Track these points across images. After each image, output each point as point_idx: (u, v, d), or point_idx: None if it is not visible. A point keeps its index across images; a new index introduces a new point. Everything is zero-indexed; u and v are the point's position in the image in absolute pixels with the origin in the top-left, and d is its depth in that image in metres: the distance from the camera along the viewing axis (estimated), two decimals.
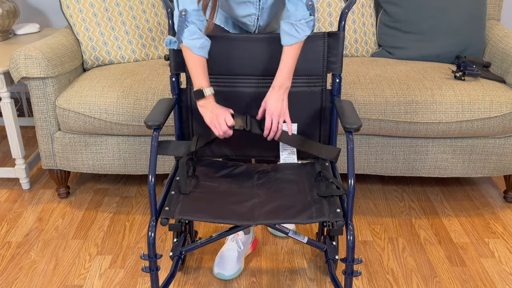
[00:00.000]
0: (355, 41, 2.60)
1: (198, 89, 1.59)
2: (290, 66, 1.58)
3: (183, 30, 1.54)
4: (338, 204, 1.50)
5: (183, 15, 1.52)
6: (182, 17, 1.53)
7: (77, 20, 2.42)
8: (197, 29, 1.55)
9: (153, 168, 1.44)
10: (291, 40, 1.55)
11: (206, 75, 1.60)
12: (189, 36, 1.55)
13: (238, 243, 1.94)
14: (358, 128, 1.45)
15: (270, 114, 1.61)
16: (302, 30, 1.54)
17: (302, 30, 1.54)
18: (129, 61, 2.51)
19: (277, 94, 1.60)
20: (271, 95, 1.60)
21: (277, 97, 1.60)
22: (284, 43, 1.57)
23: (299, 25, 1.54)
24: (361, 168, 2.29)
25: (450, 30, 2.48)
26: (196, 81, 1.60)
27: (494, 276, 1.91)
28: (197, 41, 1.55)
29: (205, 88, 1.59)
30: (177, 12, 1.54)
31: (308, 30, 1.56)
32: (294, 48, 1.57)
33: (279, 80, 1.59)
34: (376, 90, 2.17)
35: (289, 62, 1.58)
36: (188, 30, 1.54)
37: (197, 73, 1.59)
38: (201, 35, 1.56)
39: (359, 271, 1.46)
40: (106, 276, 1.91)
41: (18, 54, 2.12)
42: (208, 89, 1.60)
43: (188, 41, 1.55)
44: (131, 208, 2.35)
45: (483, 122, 2.14)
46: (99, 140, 2.25)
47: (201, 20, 1.55)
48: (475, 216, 2.28)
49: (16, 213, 2.31)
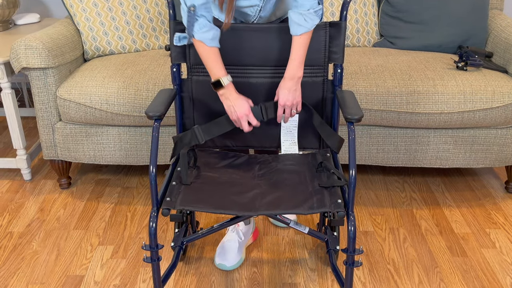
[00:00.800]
0: (356, 31, 2.59)
1: (216, 79, 1.59)
2: (300, 56, 1.58)
3: (193, 25, 1.54)
4: (339, 194, 1.50)
5: (192, 10, 1.52)
6: (191, 12, 1.52)
7: (78, 10, 2.41)
8: (207, 21, 1.54)
9: (154, 158, 1.44)
10: (300, 30, 1.55)
11: (222, 64, 1.60)
12: (200, 30, 1.54)
13: (239, 234, 1.95)
14: (360, 119, 1.45)
15: (282, 104, 1.63)
16: (311, 19, 1.54)
17: (311, 19, 1.54)
18: (129, 51, 2.50)
19: (288, 85, 1.60)
20: (283, 85, 1.61)
21: (288, 87, 1.61)
22: (294, 32, 1.57)
23: (308, 14, 1.53)
24: (362, 159, 2.29)
25: (452, 20, 2.47)
26: (213, 71, 1.59)
27: (495, 266, 1.91)
28: (208, 33, 1.55)
29: (222, 77, 1.58)
30: (185, 8, 1.53)
31: (317, 19, 1.56)
32: (303, 37, 1.57)
33: (290, 70, 1.59)
34: (378, 81, 2.16)
35: (299, 52, 1.58)
36: (198, 24, 1.54)
37: (213, 64, 1.58)
38: (211, 26, 1.55)
39: (360, 262, 1.46)
40: (107, 266, 1.92)
41: (18, 44, 2.12)
42: (225, 78, 1.59)
43: (200, 35, 1.55)
44: (132, 198, 2.35)
45: (485, 113, 2.13)
46: (100, 130, 2.25)
47: (209, 12, 1.55)
48: (477, 207, 2.28)
49: (18, 203, 2.32)
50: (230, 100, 1.61)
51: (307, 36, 1.57)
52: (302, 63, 1.60)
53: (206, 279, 1.85)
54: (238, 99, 1.61)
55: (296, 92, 1.62)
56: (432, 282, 1.83)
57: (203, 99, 1.73)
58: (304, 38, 1.57)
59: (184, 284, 1.83)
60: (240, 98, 1.61)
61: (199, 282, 1.84)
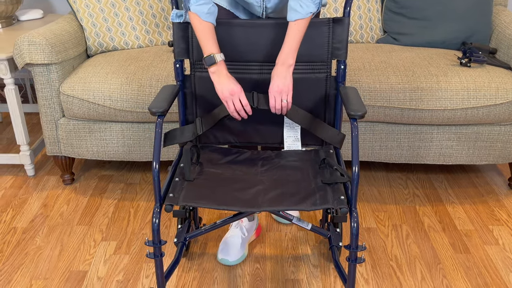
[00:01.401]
0: (360, 27, 2.58)
1: (208, 55, 1.57)
2: (293, 43, 1.56)
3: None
4: (342, 191, 1.49)
5: None
6: None
7: (81, 6, 2.41)
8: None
9: (157, 154, 1.44)
10: (295, 16, 1.54)
11: (216, 41, 1.58)
12: (196, 2, 1.53)
13: (242, 230, 1.95)
14: (363, 115, 1.45)
15: (273, 92, 1.59)
16: (307, 6, 1.53)
17: (307, 6, 1.53)
18: (132, 47, 2.50)
19: (278, 71, 1.58)
20: (273, 73, 1.59)
21: (278, 73, 1.58)
22: (289, 18, 1.56)
23: (304, 1, 1.52)
24: (365, 155, 2.29)
25: (456, 16, 2.46)
26: (206, 47, 1.57)
27: (498, 263, 1.91)
28: (204, 6, 1.54)
29: (215, 54, 1.57)
30: None
31: (313, 7, 1.54)
32: (298, 24, 1.55)
33: (281, 56, 1.57)
34: (381, 77, 2.15)
35: (292, 39, 1.56)
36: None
37: (207, 39, 1.57)
38: (208, 0, 1.55)
39: (362, 258, 1.46)
40: (111, 262, 1.93)
41: (21, 40, 2.12)
42: (218, 55, 1.57)
43: (195, 7, 1.54)
44: (135, 194, 2.35)
45: (489, 109, 2.13)
46: (103, 126, 2.25)
47: None
48: (480, 204, 2.27)
49: (21, 199, 2.32)
50: (220, 78, 1.58)
51: (302, 23, 1.55)
52: (295, 51, 1.57)
53: (209, 275, 1.86)
54: (229, 78, 1.59)
55: (286, 79, 1.58)
56: (434, 279, 1.83)
57: (206, 95, 1.73)
58: (299, 25, 1.55)
59: (187, 280, 1.84)
60: (231, 78, 1.59)
61: (202, 278, 1.85)
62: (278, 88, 1.58)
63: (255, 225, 2.01)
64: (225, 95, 1.59)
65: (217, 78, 1.59)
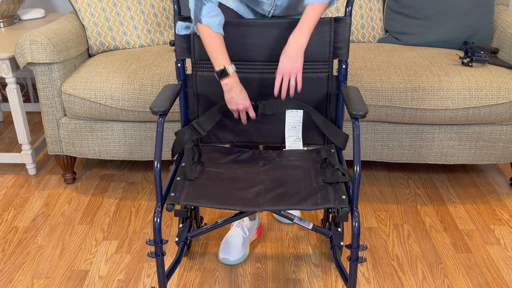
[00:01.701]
0: (361, 27, 2.58)
1: (221, 68, 1.57)
2: (308, 25, 1.54)
3: (201, 9, 1.52)
4: (343, 190, 1.49)
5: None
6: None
7: (82, 5, 2.41)
8: (215, 6, 1.54)
9: (158, 154, 1.44)
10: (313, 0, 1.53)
11: (226, 52, 1.58)
12: (208, 14, 1.53)
13: (244, 229, 1.95)
14: (365, 115, 1.44)
15: (281, 71, 1.57)
16: None
17: None
18: (134, 46, 2.50)
19: (289, 51, 1.56)
20: (283, 52, 1.57)
21: (289, 54, 1.56)
22: (306, 2, 1.55)
23: None
24: (367, 155, 2.28)
25: (458, 16, 2.46)
26: (218, 59, 1.57)
27: (499, 263, 1.91)
28: (216, 18, 1.54)
29: (227, 66, 1.57)
30: None
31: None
32: (314, 8, 1.53)
33: (294, 37, 1.55)
34: (383, 76, 2.15)
35: (308, 21, 1.54)
36: (206, 8, 1.52)
37: (218, 51, 1.56)
38: (218, 11, 1.54)
39: (364, 258, 1.46)
40: (112, 261, 1.93)
41: (23, 39, 2.12)
42: (230, 67, 1.57)
43: (207, 19, 1.53)
44: (136, 194, 2.36)
45: (490, 109, 2.12)
46: (104, 126, 2.25)
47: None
48: (481, 203, 2.27)
49: (23, 198, 2.33)
50: (233, 91, 1.60)
51: (319, 8, 1.53)
52: (308, 33, 1.55)
53: (210, 274, 1.86)
54: (242, 91, 1.61)
55: (296, 60, 1.56)
56: (436, 278, 1.83)
57: (208, 95, 1.73)
58: (315, 9, 1.53)
59: (188, 279, 1.84)
60: (243, 90, 1.61)
61: (203, 277, 1.85)
62: (287, 67, 1.56)
63: (256, 225, 2.01)
64: (234, 107, 1.63)
65: (229, 89, 1.60)
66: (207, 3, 1.52)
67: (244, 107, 1.63)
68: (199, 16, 1.53)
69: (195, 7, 1.53)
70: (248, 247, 1.97)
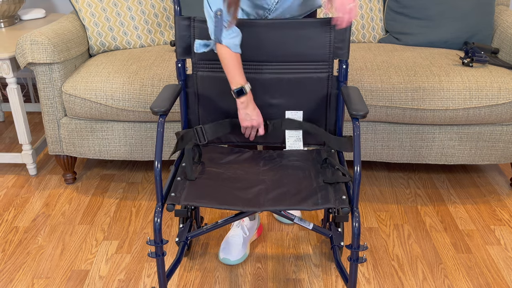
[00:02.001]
0: (362, 27, 2.58)
1: (238, 87, 1.60)
2: None
3: (221, 31, 1.53)
4: (344, 191, 1.49)
5: (219, 15, 1.51)
6: (218, 17, 1.51)
7: (83, 5, 2.41)
8: (235, 27, 1.55)
9: (159, 154, 1.44)
10: None
11: (243, 71, 1.62)
12: (228, 36, 1.54)
13: (244, 229, 1.95)
14: (365, 115, 1.44)
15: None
16: None
17: None
18: (135, 46, 2.50)
19: None
20: None
21: None
22: None
23: None
24: (367, 155, 2.28)
25: (458, 16, 2.46)
26: (235, 79, 1.60)
27: (500, 263, 1.91)
28: (236, 39, 1.56)
29: (244, 85, 1.61)
30: (211, 13, 1.52)
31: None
32: None
33: None
34: (383, 77, 2.15)
35: None
36: (226, 30, 1.53)
37: (236, 71, 1.59)
38: (238, 32, 1.56)
39: (364, 258, 1.46)
40: (112, 261, 1.93)
41: (24, 39, 2.12)
42: (247, 86, 1.62)
43: (228, 40, 1.55)
44: (137, 194, 2.36)
45: (491, 109, 2.12)
46: (105, 126, 2.25)
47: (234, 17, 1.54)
48: (481, 203, 2.27)
49: (23, 198, 2.33)
50: (249, 109, 1.64)
51: None
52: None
53: (210, 274, 1.86)
54: (256, 109, 1.66)
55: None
56: (436, 279, 1.83)
57: (208, 95, 1.73)
58: None
59: (189, 279, 1.84)
60: (256, 109, 1.66)
61: (203, 277, 1.85)
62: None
63: (256, 225, 2.01)
64: (246, 124, 1.67)
65: (245, 107, 1.64)
66: (227, 24, 1.53)
67: (258, 124, 1.68)
68: (219, 37, 1.55)
69: (215, 29, 1.54)
70: (249, 247, 1.97)
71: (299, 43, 1.66)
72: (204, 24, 1.62)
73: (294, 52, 1.67)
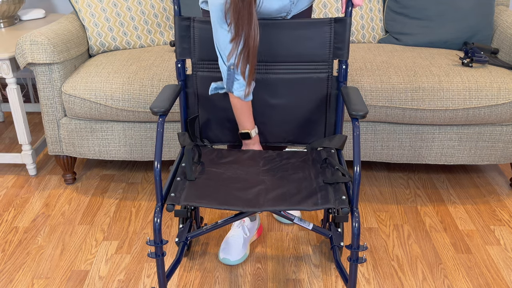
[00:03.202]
0: (361, 27, 2.58)
1: (245, 131, 1.70)
2: None
3: (233, 84, 1.59)
4: (343, 191, 1.49)
5: (232, 69, 1.56)
6: (231, 71, 1.56)
7: (83, 5, 2.41)
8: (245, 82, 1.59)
9: (158, 154, 1.44)
10: None
11: (252, 117, 1.70)
12: (239, 88, 1.59)
13: (244, 229, 1.95)
14: (365, 115, 1.44)
15: None
16: None
17: None
18: (134, 47, 2.50)
19: None
20: None
21: None
22: None
23: None
24: (367, 155, 2.28)
25: (458, 16, 2.46)
26: (242, 124, 1.69)
27: (500, 263, 1.91)
28: (246, 89, 1.60)
29: (251, 130, 1.71)
30: (224, 67, 1.56)
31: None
32: None
33: None
34: (383, 77, 2.15)
35: None
36: (238, 83, 1.58)
37: (245, 117, 1.68)
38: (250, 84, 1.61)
39: (364, 258, 1.46)
40: (112, 262, 1.93)
41: (23, 39, 2.12)
42: (253, 131, 1.72)
43: (238, 93, 1.60)
44: (137, 194, 2.36)
45: (490, 109, 2.12)
46: (105, 126, 2.25)
47: None
48: (481, 204, 2.27)
49: (23, 198, 2.33)
50: (250, 147, 1.77)
51: None
52: None
53: (210, 275, 1.86)
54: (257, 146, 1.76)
55: None
56: (436, 279, 1.83)
57: (208, 95, 1.73)
58: None
59: (189, 280, 1.84)
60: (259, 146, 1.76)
61: (203, 277, 1.85)
62: None
63: (256, 225, 2.01)
64: None
65: (246, 146, 1.77)
66: (239, 78, 1.57)
67: None
68: (231, 89, 1.60)
69: (227, 81, 1.59)
70: (249, 248, 1.97)
71: (298, 43, 1.66)
72: (204, 24, 1.62)
73: (294, 52, 1.67)
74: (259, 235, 2.05)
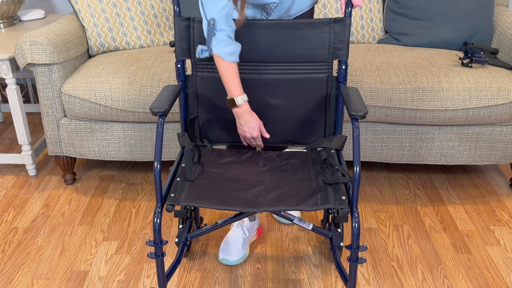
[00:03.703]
0: (361, 28, 2.58)
1: (230, 98, 1.60)
2: None
3: (211, 39, 1.54)
4: (343, 191, 1.49)
5: (212, 24, 1.52)
6: (210, 26, 1.52)
7: (82, 6, 2.41)
8: (225, 36, 1.54)
9: (158, 154, 1.44)
10: None
11: (239, 81, 1.60)
12: (218, 44, 1.54)
13: (244, 230, 1.95)
14: (364, 116, 1.44)
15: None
16: None
17: None
18: (134, 47, 2.50)
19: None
20: None
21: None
22: None
23: None
24: (366, 156, 2.28)
25: (458, 16, 2.46)
26: (229, 89, 1.60)
27: (499, 263, 1.91)
28: (226, 48, 1.55)
29: (237, 97, 1.60)
30: (205, 21, 1.53)
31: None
32: None
33: None
34: (383, 77, 2.15)
35: None
36: (215, 38, 1.53)
37: (229, 80, 1.59)
38: (229, 41, 1.55)
39: (364, 258, 1.46)
40: (112, 262, 1.93)
41: (23, 40, 2.12)
42: (240, 98, 1.60)
43: (218, 49, 1.55)
44: (136, 194, 2.36)
45: (490, 110, 2.12)
46: (104, 126, 2.25)
47: (230, 25, 1.54)
48: (481, 204, 2.27)
49: (23, 199, 2.33)
50: (242, 119, 1.64)
51: None
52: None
53: (210, 275, 1.86)
54: (252, 121, 1.64)
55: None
56: (436, 279, 1.83)
57: (208, 95, 1.73)
58: None
59: (188, 280, 1.84)
60: (253, 120, 1.64)
61: (203, 277, 1.85)
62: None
63: (256, 225, 2.01)
64: (240, 133, 1.69)
65: (238, 117, 1.65)
66: (217, 33, 1.52)
67: (251, 137, 1.67)
68: (210, 46, 1.55)
69: (207, 37, 1.55)
70: (248, 248, 1.97)
71: (298, 43, 1.66)
72: None
73: (294, 53, 1.67)
74: (259, 235, 2.05)
